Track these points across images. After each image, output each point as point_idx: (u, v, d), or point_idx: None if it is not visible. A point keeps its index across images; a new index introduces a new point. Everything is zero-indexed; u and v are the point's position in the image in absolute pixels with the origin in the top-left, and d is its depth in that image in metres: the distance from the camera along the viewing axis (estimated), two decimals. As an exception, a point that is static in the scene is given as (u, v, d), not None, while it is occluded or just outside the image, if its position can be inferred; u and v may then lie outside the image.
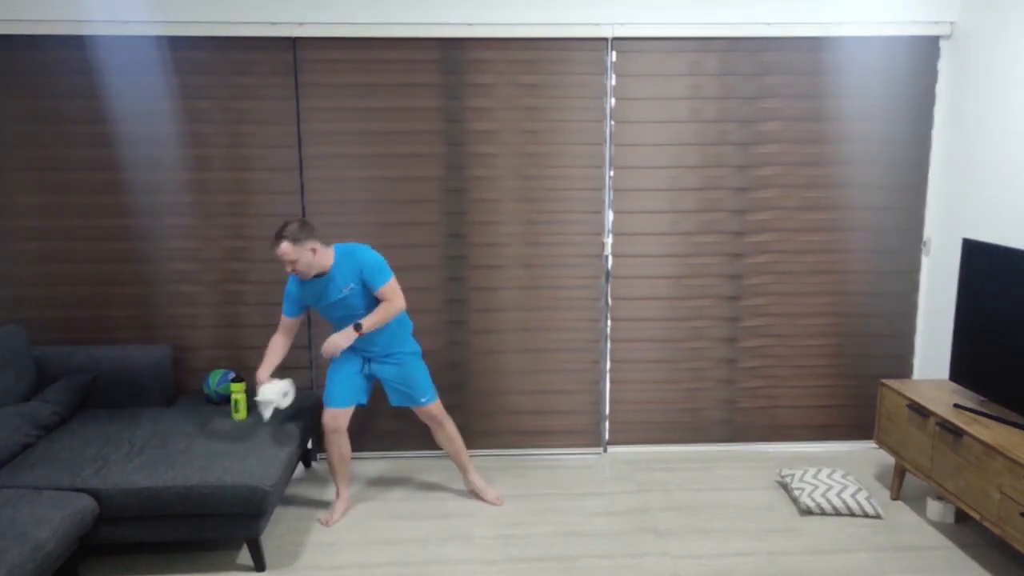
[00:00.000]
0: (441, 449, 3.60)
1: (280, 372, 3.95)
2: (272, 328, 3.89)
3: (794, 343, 4.06)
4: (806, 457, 4.06)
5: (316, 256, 3.13)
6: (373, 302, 3.26)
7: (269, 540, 3.24)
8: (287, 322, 3.34)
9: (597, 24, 3.72)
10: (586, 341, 4.02)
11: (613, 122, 3.85)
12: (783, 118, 3.87)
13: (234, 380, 3.50)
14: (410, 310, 3.82)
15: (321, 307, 3.27)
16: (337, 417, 3.33)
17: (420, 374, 3.44)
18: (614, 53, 3.78)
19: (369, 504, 3.55)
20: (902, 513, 3.45)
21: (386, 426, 4.03)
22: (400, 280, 3.86)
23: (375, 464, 3.98)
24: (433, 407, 3.46)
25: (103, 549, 3.15)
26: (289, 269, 3.14)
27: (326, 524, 3.36)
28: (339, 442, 3.37)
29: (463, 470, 3.60)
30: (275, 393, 3.22)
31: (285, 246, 3.08)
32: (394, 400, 3.44)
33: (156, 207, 3.78)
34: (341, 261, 3.21)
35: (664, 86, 3.82)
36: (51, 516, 2.59)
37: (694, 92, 3.83)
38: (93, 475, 2.90)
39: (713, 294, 4.01)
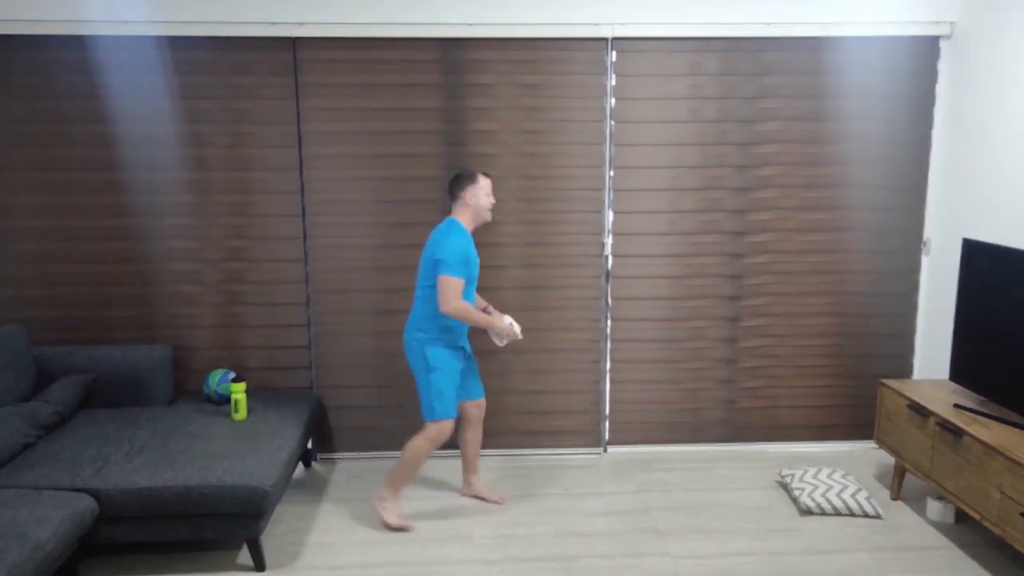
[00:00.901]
0: (459, 448, 3.59)
1: (281, 372, 3.95)
2: (271, 328, 3.90)
3: (794, 343, 4.06)
4: (806, 457, 4.06)
5: None
6: None
7: (269, 540, 3.24)
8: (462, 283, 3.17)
9: (597, 24, 3.72)
10: (586, 341, 4.01)
11: (613, 122, 3.85)
12: (783, 118, 3.87)
13: (234, 380, 3.50)
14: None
15: (476, 267, 3.27)
16: (452, 427, 3.32)
17: None
18: (614, 53, 3.78)
19: (370, 504, 3.55)
20: (902, 513, 3.45)
21: (387, 426, 4.03)
22: (401, 281, 3.88)
23: (375, 464, 3.98)
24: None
25: (103, 549, 3.15)
26: (493, 202, 3.32)
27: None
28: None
29: (472, 472, 3.59)
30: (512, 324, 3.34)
31: None
32: (459, 395, 3.41)
33: (156, 207, 3.78)
34: None
35: (664, 86, 3.82)
36: (51, 516, 2.59)
37: (694, 92, 3.83)
38: (93, 475, 2.90)
39: (713, 294, 4.01)
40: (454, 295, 3.11)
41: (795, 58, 3.82)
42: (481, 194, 3.25)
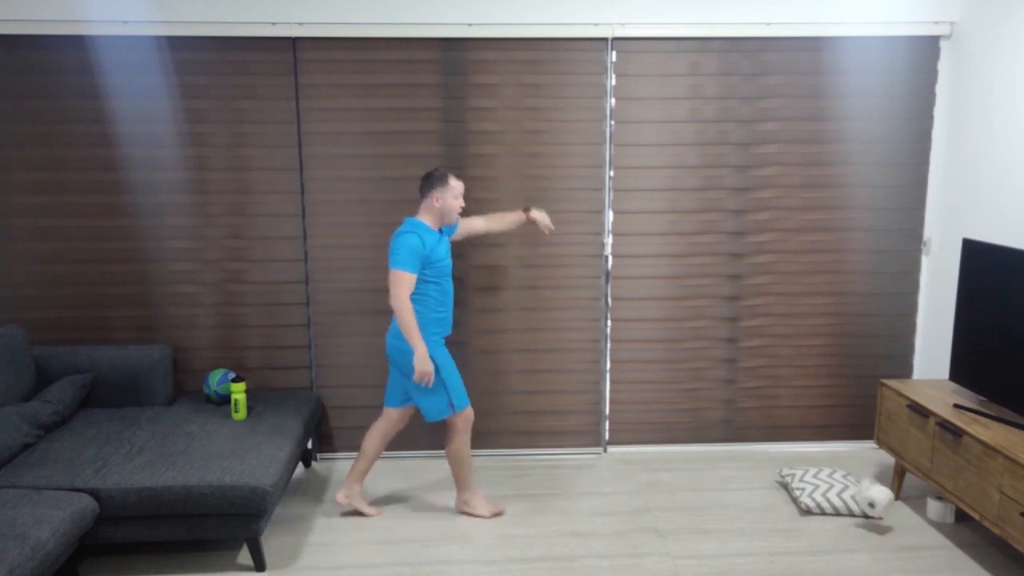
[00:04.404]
0: (360, 448, 3.46)
1: (281, 372, 3.95)
2: (271, 328, 3.90)
3: (794, 343, 4.06)
4: (806, 457, 4.06)
5: None
6: None
7: (269, 540, 3.24)
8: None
9: (597, 24, 3.72)
10: (586, 341, 4.01)
11: (613, 122, 3.85)
12: (783, 118, 3.87)
13: (234, 380, 3.50)
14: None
15: (442, 260, 3.23)
16: (471, 411, 3.33)
17: None
18: (614, 53, 3.78)
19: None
20: (902, 513, 3.45)
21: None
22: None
23: (375, 464, 3.98)
24: None
25: (103, 549, 3.15)
26: (463, 205, 3.29)
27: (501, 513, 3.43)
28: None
29: (359, 481, 3.47)
30: None
31: None
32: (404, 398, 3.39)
33: (156, 207, 3.78)
34: None
35: (664, 86, 3.82)
36: (51, 516, 2.59)
37: (694, 92, 3.83)
38: (93, 475, 2.90)
39: (713, 294, 4.01)
40: (406, 290, 3.07)
41: (795, 58, 3.82)
42: (449, 196, 3.19)
